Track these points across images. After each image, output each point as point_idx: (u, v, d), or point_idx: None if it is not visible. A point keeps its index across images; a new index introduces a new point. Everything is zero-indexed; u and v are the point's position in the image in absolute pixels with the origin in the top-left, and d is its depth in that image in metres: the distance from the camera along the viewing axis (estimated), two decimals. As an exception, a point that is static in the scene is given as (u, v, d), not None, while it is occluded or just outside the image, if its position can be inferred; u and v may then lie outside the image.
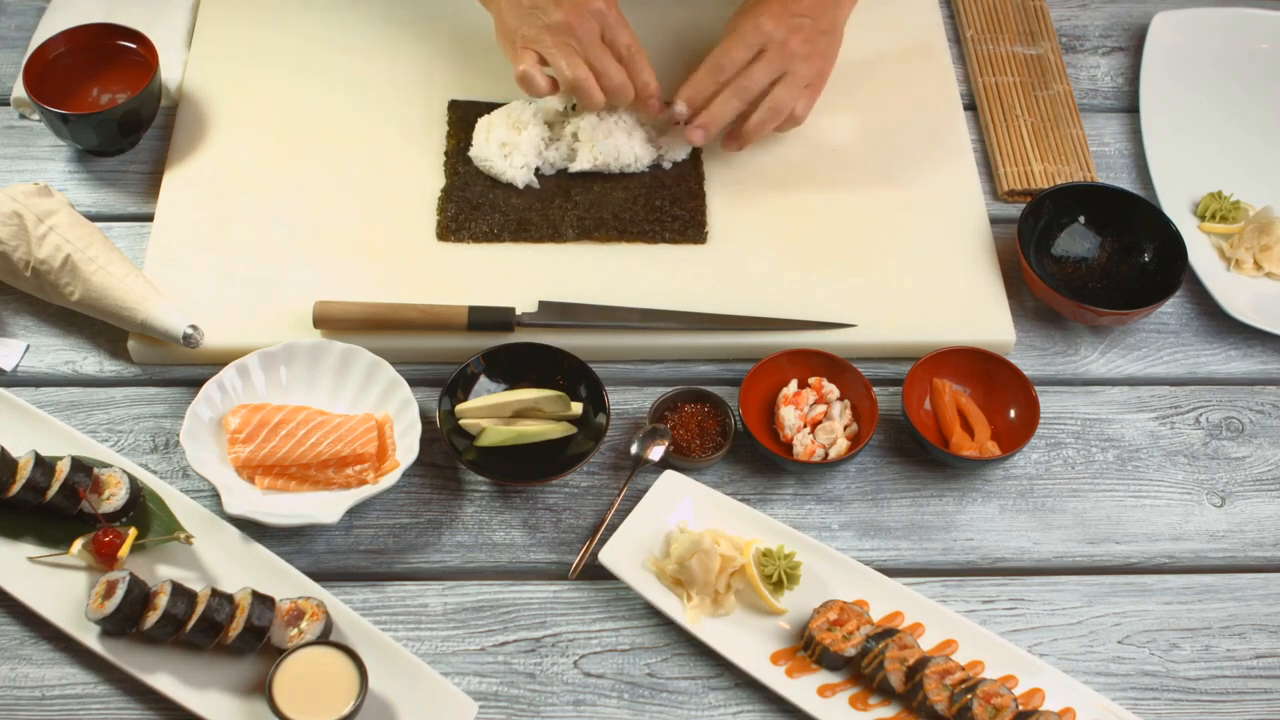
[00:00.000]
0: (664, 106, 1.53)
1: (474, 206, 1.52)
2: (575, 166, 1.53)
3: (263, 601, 1.21)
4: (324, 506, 1.31)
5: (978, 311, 1.48)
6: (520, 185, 1.52)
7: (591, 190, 1.53)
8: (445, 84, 1.62)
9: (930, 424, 1.41)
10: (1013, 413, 1.40)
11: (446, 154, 1.56)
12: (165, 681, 1.20)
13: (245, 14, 1.69)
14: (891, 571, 1.31)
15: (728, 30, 1.53)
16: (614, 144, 1.52)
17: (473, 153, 1.54)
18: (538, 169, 1.54)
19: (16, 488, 1.26)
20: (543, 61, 1.48)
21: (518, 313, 1.43)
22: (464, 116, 1.59)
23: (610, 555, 1.28)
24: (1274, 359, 1.50)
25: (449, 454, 1.36)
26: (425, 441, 1.34)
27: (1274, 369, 1.49)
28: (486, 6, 1.54)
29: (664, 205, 1.52)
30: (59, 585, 1.25)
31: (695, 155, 1.58)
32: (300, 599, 1.23)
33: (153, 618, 1.20)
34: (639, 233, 1.51)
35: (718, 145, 1.57)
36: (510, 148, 1.52)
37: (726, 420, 1.38)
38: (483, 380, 1.39)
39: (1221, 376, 1.48)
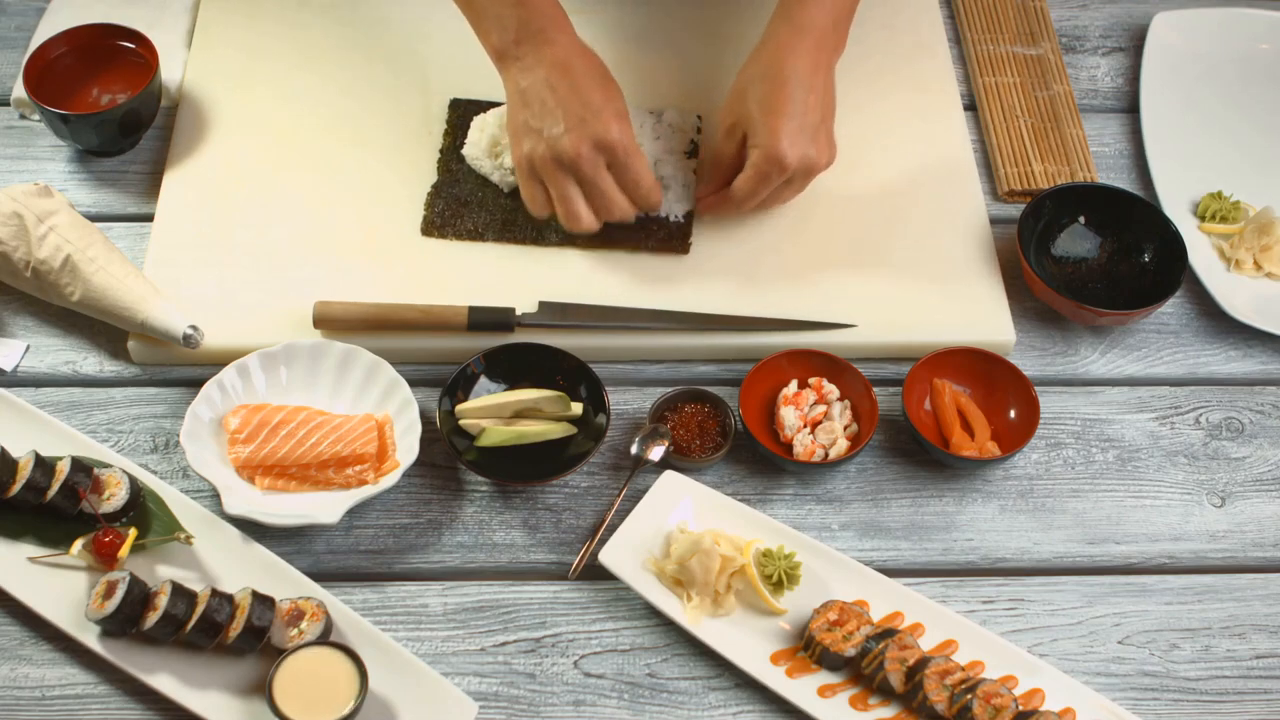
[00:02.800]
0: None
1: (461, 204, 1.52)
2: None
3: (263, 602, 1.21)
4: (324, 506, 1.31)
5: (978, 311, 1.48)
6: (506, 189, 1.52)
7: None
8: (444, 84, 1.62)
9: (930, 424, 1.41)
10: (1013, 413, 1.40)
11: (441, 151, 1.56)
12: (165, 681, 1.20)
13: (245, 14, 1.69)
14: (891, 572, 1.31)
15: (750, 161, 1.42)
16: None
17: (466, 150, 1.54)
18: None
19: (16, 488, 1.26)
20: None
21: (518, 313, 1.43)
22: (463, 116, 1.59)
23: (610, 555, 1.28)
24: (1274, 359, 1.50)
25: (449, 454, 1.36)
26: (425, 442, 1.34)
27: (1274, 369, 1.49)
28: (504, 85, 1.44)
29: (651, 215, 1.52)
30: (59, 585, 1.25)
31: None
32: (300, 599, 1.23)
33: (153, 618, 1.20)
34: (622, 240, 1.50)
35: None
36: (501, 148, 1.52)
37: (726, 420, 1.38)
38: (483, 380, 1.39)
39: (1221, 377, 1.48)
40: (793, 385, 1.40)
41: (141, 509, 1.29)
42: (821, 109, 1.44)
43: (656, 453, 1.36)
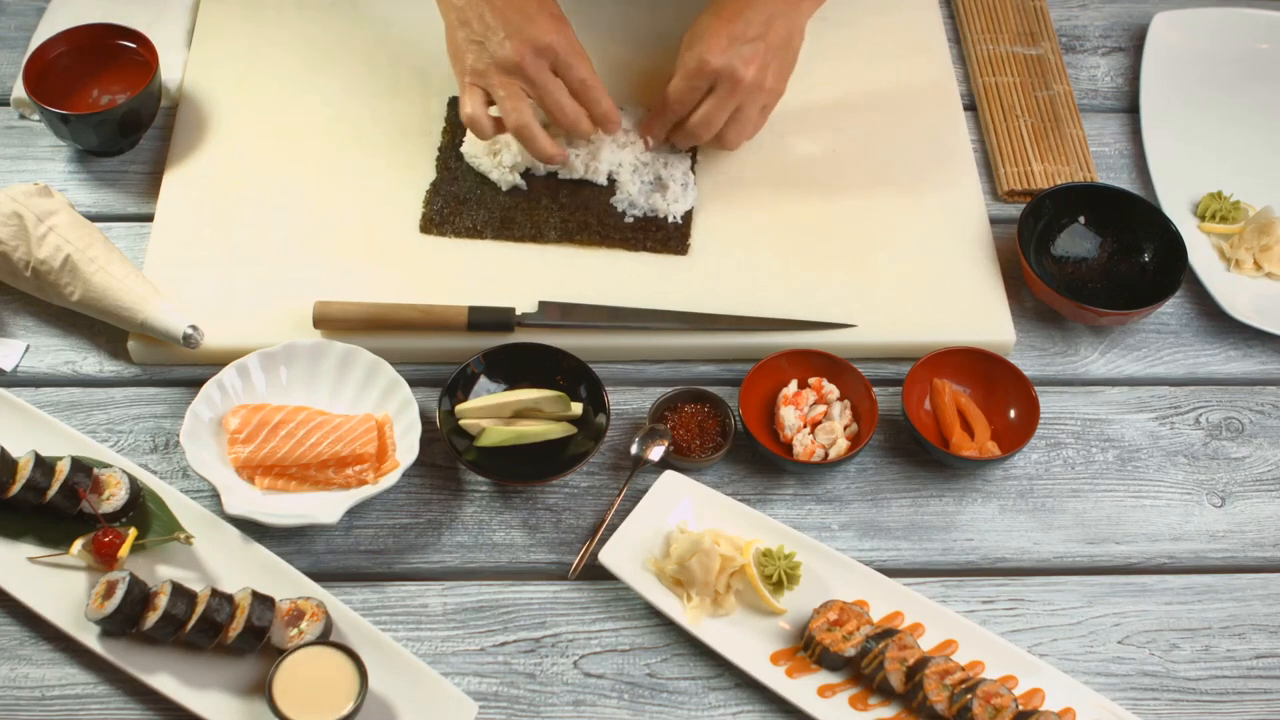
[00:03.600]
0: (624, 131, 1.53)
1: (460, 202, 1.52)
2: (564, 173, 1.53)
3: (263, 602, 1.21)
4: (324, 506, 1.31)
5: (978, 311, 1.48)
6: (504, 187, 1.52)
7: (579, 194, 1.53)
8: (443, 83, 1.62)
9: (930, 424, 1.41)
10: (1013, 413, 1.40)
11: (440, 149, 1.56)
12: (165, 682, 1.20)
13: (245, 14, 1.69)
14: (891, 571, 1.31)
15: (679, 62, 1.47)
16: (608, 157, 1.52)
17: (464, 148, 1.54)
18: (528, 170, 1.53)
19: (16, 488, 1.26)
20: (491, 99, 1.44)
21: (518, 313, 1.43)
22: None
23: (610, 555, 1.28)
24: (1274, 359, 1.50)
25: (449, 454, 1.36)
26: (425, 441, 1.34)
27: (1274, 369, 1.49)
28: (440, 11, 1.47)
29: (650, 215, 1.52)
30: (59, 585, 1.25)
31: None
32: (300, 599, 1.23)
33: (153, 618, 1.20)
34: (620, 239, 1.50)
35: (714, 153, 1.57)
36: (499, 145, 1.52)
37: (726, 420, 1.38)
38: (483, 380, 1.39)
39: (1221, 377, 1.48)
40: (793, 385, 1.40)
41: (141, 509, 1.29)
42: (774, 39, 1.44)
43: (656, 453, 1.36)
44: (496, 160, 1.52)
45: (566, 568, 1.32)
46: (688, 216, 1.52)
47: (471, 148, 1.54)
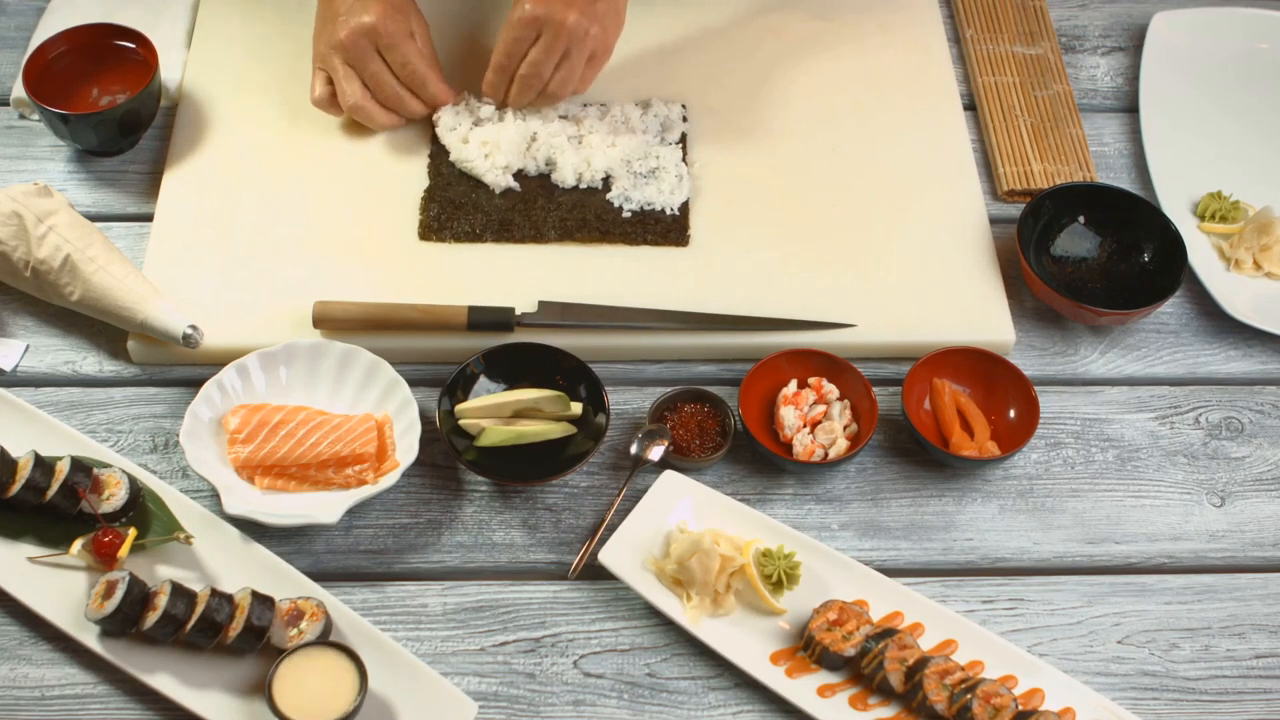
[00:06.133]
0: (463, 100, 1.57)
1: (456, 206, 1.52)
2: (557, 178, 1.53)
3: (263, 601, 1.21)
4: (324, 506, 1.31)
5: (978, 311, 1.48)
6: (499, 190, 1.52)
7: (575, 192, 1.53)
8: (444, 84, 1.62)
9: (930, 424, 1.41)
10: (1012, 413, 1.40)
11: (430, 155, 1.56)
12: (165, 681, 1.20)
13: (245, 14, 1.69)
14: (891, 571, 1.31)
15: (506, 15, 1.51)
16: (601, 162, 1.53)
17: (453, 155, 1.54)
18: (521, 170, 1.54)
19: (16, 488, 1.26)
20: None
21: (517, 313, 1.43)
22: (455, 117, 1.59)
23: (610, 555, 1.28)
24: (1274, 359, 1.50)
25: (449, 454, 1.36)
26: (425, 441, 1.34)
27: (1274, 369, 1.49)
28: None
29: (647, 208, 1.52)
30: (59, 585, 1.25)
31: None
32: (300, 599, 1.23)
33: (152, 618, 1.20)
34: (620, 234, 1.50)
35: (714, 151, 1.57)
36: (491, 146, 1.52)
37: (726, 420, 1.38)
38: (482, 380, 1.39)
39: (1221, 376, 1.48)
40: (792, 385, 1.40)
41: (141, 509, 1.29)
42: None
43: (656, 453, 1.36)
44: (490, 163, 1.52)
45: (566, 568, 1.32)
46: (684, 208, 1.52)
47: (459, 153, 1.53)
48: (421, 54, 1.52)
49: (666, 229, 1.51)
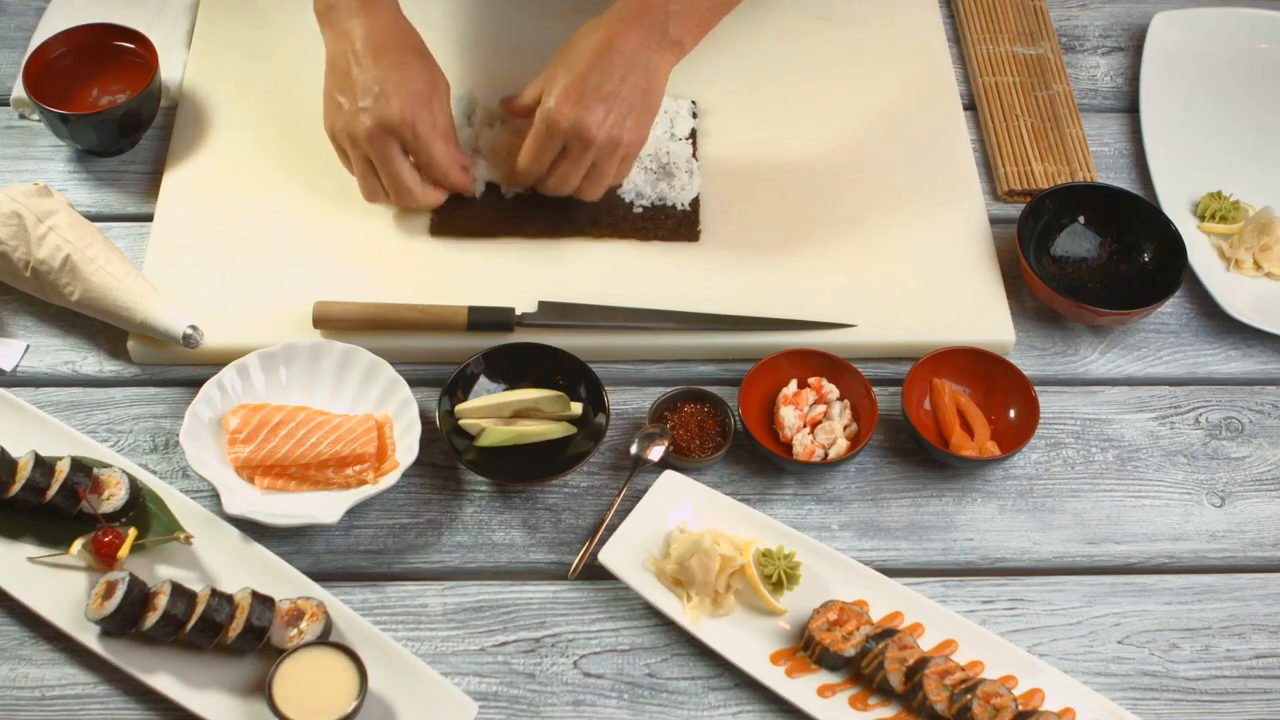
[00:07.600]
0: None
1: (466, 203, 1.51)
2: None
3: (263, 602, 1.21)
4: (324, 506, 1.31)
5: (978, 311, 1.48)
6: (508, 195, 1.52)
7: None
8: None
9: (930, 424, 1.41)
10: (1012, 413, 1.40)
11: None
12: (165, 682, 1.20)
13: (245, 14, 1.69)
14: (891, 571, 1.31)
15: (536, 115, 1.41)
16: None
17: None
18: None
19: (16, 488, 1.26)
20: None
21: (517, 313, 1.43)
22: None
23: (610, 555, 1.28)
24: (1274, 359, 1.50)
25: (449, 454, 1.36)
26: (425, 441, 1.34)
27: (1274, 369, 1.49)
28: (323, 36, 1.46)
29: (658, 204, 1.53)
30: (59, 585, 1.25)
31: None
32: (300, 599, 1.23)
33: (152, 618, 1.20)
34: (631, 229, 1.50)
35: (715, 151, 1.57)
36: (502, 154, 1.52)
37: (726, 420, 1.38)
38: (482, 380, 1.39)
39: (1221, 376, 1.48)
40: (792, 385, 1.40)
41: (141, 509, 1.29)
42: (631, 92, 1.39)
43: (656, 453, 1.36)
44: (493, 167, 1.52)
45: (566, 568, 1.32)
46: (695, 203, 1.52)
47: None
48: (445, 143, 1.43)
49: (677, 224, 1.51)
